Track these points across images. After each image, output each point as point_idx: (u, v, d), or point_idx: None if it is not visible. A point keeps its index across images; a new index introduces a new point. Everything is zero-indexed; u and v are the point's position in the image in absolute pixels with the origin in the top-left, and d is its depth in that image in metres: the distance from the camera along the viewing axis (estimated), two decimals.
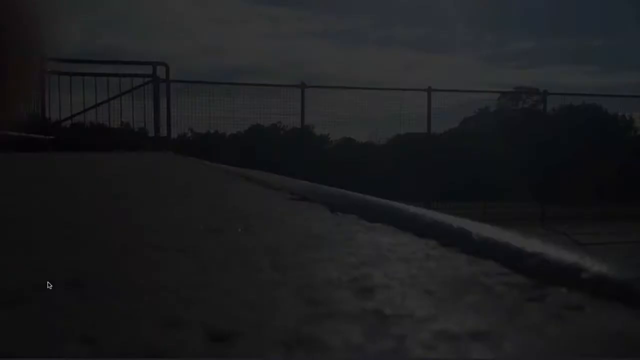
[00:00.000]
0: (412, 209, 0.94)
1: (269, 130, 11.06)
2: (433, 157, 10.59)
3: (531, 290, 0.50)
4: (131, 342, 0.37)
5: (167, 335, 0.38)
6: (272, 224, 0.91)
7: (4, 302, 0.45)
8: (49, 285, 0.35)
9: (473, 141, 13.19)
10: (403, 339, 0.38)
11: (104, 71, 7.47)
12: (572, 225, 10.10)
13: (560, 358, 0.34)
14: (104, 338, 0.37)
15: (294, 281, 0.53)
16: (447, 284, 0.52)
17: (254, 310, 0.44)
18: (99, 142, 6.96)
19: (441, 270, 0.58)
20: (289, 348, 0.36)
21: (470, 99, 11.60)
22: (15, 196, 1.41)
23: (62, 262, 0.60)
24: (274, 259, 0.63)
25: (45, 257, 0.65)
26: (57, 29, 0.71)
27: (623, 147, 12.71)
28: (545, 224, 10.14)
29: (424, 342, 0.37)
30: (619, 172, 11.59)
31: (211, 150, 9.13)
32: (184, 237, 0.78)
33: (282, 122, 10.66)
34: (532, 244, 0.62)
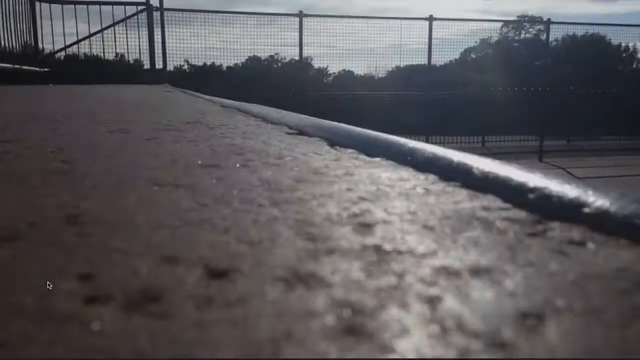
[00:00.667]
0: (412, 143, 0.93)
1: (267, 62, 10.85)
2: (433, 90, 10.45)
3: (532, 225, 0.50)
4: (129, 279, 0.36)
5: (165, 272, 0.38)
6: (269, 159, 0.89)
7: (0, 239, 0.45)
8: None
9: (473, 73, 12.99)
10: (403, 275, 0.37)
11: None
12: (572, 158, 10.13)
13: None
14: (102, 275, 0.37)
15: (292, 217, 0.53)
16: (447, 219, 0.52)
17: (253, 247, 0.43)
18: (94, 75, 6.84)
19: (441, 206, 0.57)
20: (288, 284, 0.36)
21: (473, 28, 11.30)
22: (7, 131, 1.39)
23: (57, 199, 0.60)
24: (272, 194, 0.63)
25: (41, 193, 0.64)
26: None
27: (626, 79, 12.54)
28: (544, 158, 10.16)
29: (424, 279, 0.37)
30: (621, 105, 11.48)
31: (208, 82, 8.99)
32: (180, 172, 0.77)
33: (280, 53, 10.45)
34: (533, 179, 0.61)
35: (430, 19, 9.99)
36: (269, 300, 0.33)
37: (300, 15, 9.40)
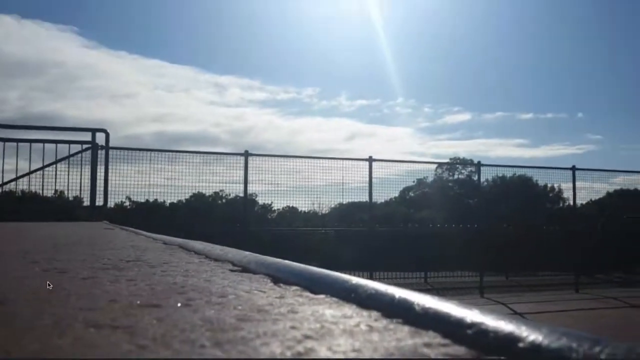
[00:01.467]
0: (355, 279, 0.95)
1: (212, 198, 10.95)
2: (374, 226, 10.72)
3: None
4: None
5: None
6: (212, 297, 0.88)
7: None
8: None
9: (412, 210, 13.51)
10: None
11: (40, 137, 7.27)
12: (511, 294, 10.35)
13: None
14: None
15: (236, 357, 0.52)
16: (390, 356, 0.52)
17: None
18: (31, 212, 6.67)
19: (384, 343, 0.58)
20: None
21: (410, 169, 11.96)
22: None
23: None
24: (215, 334, 0.62)
25: None
26: None
27: (554, 217, 13.33)
28: (485, 293, 10.34)
29: None
30: (552, 242, 12.07)
31: (150, 219, 8.91)
32: (119, 313, 0.75)
33: (224, 190, 10.60)
34: (470, 314, 0.63)
35: (370, 159, 10.55)
36: None
37: (246, 154, 9.72)
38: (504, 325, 0.58)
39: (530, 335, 0.53)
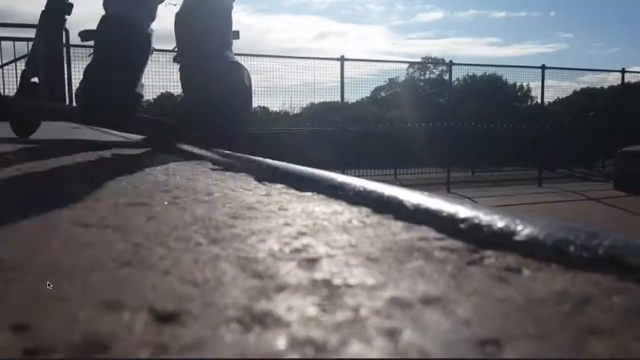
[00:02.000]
0: (340, 177, 0.94)
1: (180, 99, 10.70)
2: (346, 126, 10.73)
3: (468, 254, 0.52)
4: (71, 327, 0.34)
5: (110, 318, 0.35)
6: (199, 195, 0.87)
7: None
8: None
9: (384, 110, 13.51)
10: (358, 309, 0.37)
11: None
12: (476, 189, 10.70)
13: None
14: (40, 323, 0.34)
15: (235, 254, 0.51)
16: (389, 250, 0.53)
17: (200, 287, 0.42)
18: None
19: (381, 237, 0.58)
20: (244, 325, 0.35)
21: (382, 68, 11.81)
22: None
23: None
24: (209, 232, 0.61)
25: None
26: None
27: (521, 115, 13.52)
28: (451, 189, 10.66)
29: (379, 311, 0.37)
30: (518, 139, 12.34)
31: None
32: (106, 211, 0.73)
33: None
34: (462, 210, 0.64)
35: (342, 59, 10.32)
36: (228, 342, 0.32)
37: None
38: (498, 220, 0.58)
39: (525, 228, 0.54)
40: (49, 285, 0.32)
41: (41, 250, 0.53)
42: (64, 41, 2.59)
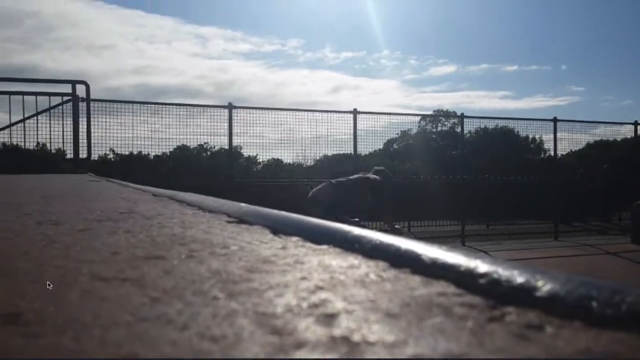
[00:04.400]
0: (356, 230, 0.94)
1: (196, 151, 10.86)
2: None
3: (488, 310, 0.51)
4: None
5: None
6: (215, 249, 0.88)
7: None
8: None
9: (396, 162, 13.56)
10: None
11: (20, 90, 7.07)
12: (491, 242, 10.57)
13: None
14: None
15: (253, 309, 0.51)
16: (407, 306, 0.52)
17: (218, 343, 0.42)
18: (14, 164, 6.55)
19: (398, 293, 0.57)
20: None
21: (394, 121, 11.93)
22: None
23: None
24: (226, 286, 0.61)
25: None
26: None
27: (534, 167, 13.49)
28: (466, 242, 10.54)
29: None
30: (531, 192, 12.26)
31: (134, 171, 8.83)
32: (124, 265, 0.74)
33: (209, 142, 10.50)
34: (481, 264, 0.63)
35: (355, 112, 10.48)
36: None
37: (230, 107, 9.59)
38: (517, 275, 0.58)
39: (546, 284, 0.53)
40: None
41: (60, 304, 0.53)
42: None
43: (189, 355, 0.39)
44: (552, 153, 12.46)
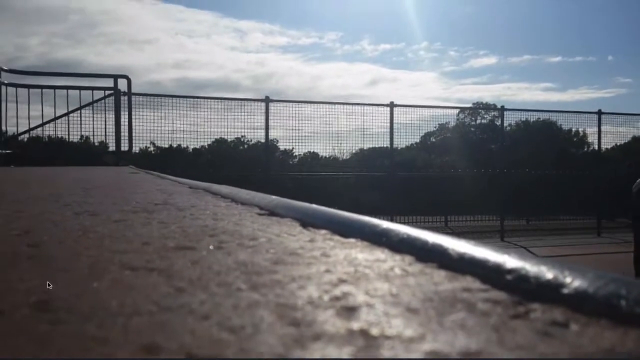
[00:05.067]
0: (385, 223, 0.94)
1: (233, 144, 10.98)
2: (396, 171, 10.69)
3: (513, 306, 0.50)
4: None
5: None
6: (244, 240, 0.88)
7: None
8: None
9: (434, 155, 13.41)
10: None
11: (64, 84, 7.29)
12: (531, 237, 10.36)
13: None
14: None
15: (274, 301, 0.52)
16: (429, 301, 0.52)
17: (237, 334, 0.42)
18: (58, 157, 6.77)
19: (422, 287, 0.57)
20: None
21: (432, 114, 11.78)
22: None
23: (25, 284, 0.57)
24: (250, 277, 0.61)
25: (7, 278, 0.61)
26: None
27: (577, 162, 13.12)
28: (505, 237, 10.36)
29: None
30: (574, 186, 11.93)
31: (174, 164, 9.00)
32: (153, 255, 0.75)
33: (246, 136, 10.60)
34: (509, 260, 0.62)
35: (392, 105, 10.40)
36: None
37: (267, 100, 9.66)
38: (546, 271, 0.56)
39: (574, 280, 0.52)
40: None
41: (88, 292, 0.54)
42: None
43: (207, 345, 0.39)
44: (595, 147, 12.10)
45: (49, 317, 0.45)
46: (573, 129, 13.82)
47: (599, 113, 11.76)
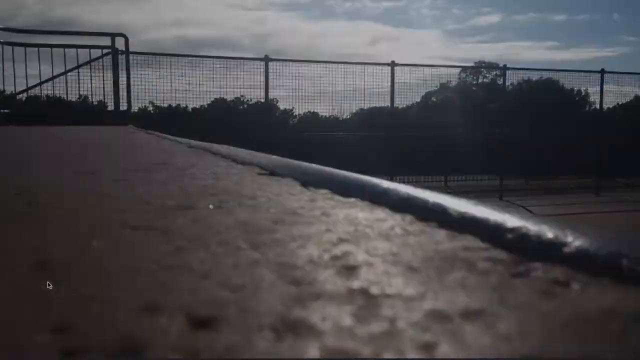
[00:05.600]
0: (385, 183, 0.93)
1: (233, 104, 10.89)
2: (396, 131, 10.65)
3: (514, 265, 0.50)
4: (109, 330, 0.34)
5: (147, 322, 0.36)
6: (244, 200, 0.88)
7: None
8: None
9: (434, 115, 13.32)
10: (394, 320, 0.37)
11: (60, 42, 7.17)
12: (530, 197, 10.40)
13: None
14: (79, 325, 0.35)
15: (274, 260, 0.51)
16: (430, 260, 0.52)
17: (236, 293, 0.42)
18: (56, 116, 6.73)
19: (422, 246, 0.57)
20: (277, 332, 0.34)
21: (433, 73, 11.64)
22: None
23: (25, 244, 0.57)
24: (250, 236, 0.61)
25: (6, 238, 0.61)
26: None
27: (579, 121, 13.03)
28: (504, 196, 10.40)
29: (416, 324, 0.36)
30: (574, 146, 11.91)
31: (173, 124, 8.95)
32: (153, 214, 0.75)
33: (245, 95, 10.51)
34: (510, 219, 0.62)
35: (392, 64, 10.27)
36: (259, 350, 0.32)
37: (266, 59, 9.52)
38: (547, 230, 0.56)
39: (576, 240, 0.52)
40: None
41: (88, 251, 0.54)
42: None
43: (207, 304, 0.39)
44: (597, 106, 12.01)
45: (49, 277, 0.45)
46: (575, 89, 13.68)
47: (602, 72, 11.62)
